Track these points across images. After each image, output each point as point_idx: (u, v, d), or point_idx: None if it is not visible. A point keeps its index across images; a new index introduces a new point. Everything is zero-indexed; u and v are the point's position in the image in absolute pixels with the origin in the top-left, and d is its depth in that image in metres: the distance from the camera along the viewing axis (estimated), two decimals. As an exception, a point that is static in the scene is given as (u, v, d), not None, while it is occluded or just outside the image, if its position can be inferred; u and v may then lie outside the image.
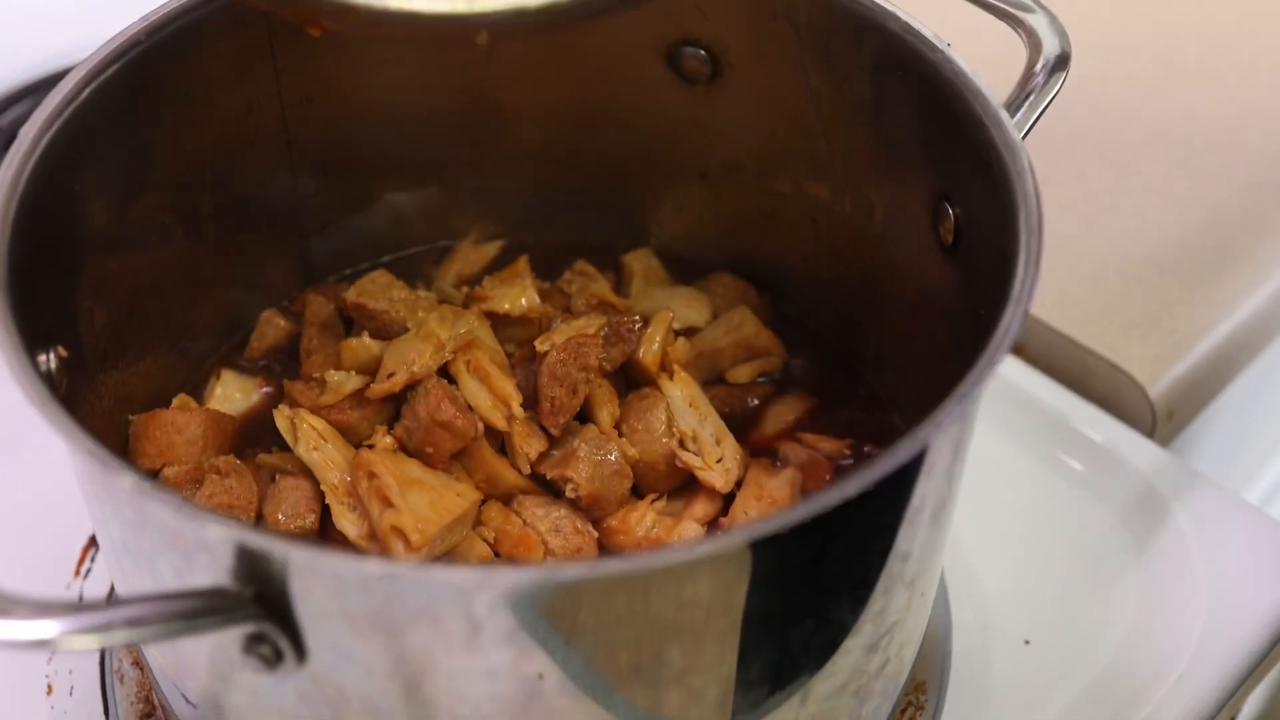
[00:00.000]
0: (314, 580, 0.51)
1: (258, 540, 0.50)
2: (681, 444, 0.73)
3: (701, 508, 0.73)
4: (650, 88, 0.79)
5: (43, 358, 0.62)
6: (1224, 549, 0.82)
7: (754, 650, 0.56)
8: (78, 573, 0.81)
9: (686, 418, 0.73)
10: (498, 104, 0.81)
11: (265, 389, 0.79)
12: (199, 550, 0.53)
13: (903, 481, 0.56)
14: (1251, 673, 0.79)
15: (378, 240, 0.84)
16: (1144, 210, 0.97)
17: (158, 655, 0.64)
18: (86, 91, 0.65)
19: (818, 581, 0.56)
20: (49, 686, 0.77)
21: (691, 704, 0.57)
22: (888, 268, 0.76)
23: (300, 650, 0.54)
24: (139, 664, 0.76)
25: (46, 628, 0.49)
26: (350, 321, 0.79)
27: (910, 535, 0.59)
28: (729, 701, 0.58)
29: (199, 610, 0.51)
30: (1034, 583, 0.81)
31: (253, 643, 0.54)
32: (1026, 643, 0.79)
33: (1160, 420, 0.88)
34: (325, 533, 0.70)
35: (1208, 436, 0.97)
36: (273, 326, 0.80)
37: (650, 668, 0.55)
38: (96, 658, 0.77)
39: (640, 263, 0.83)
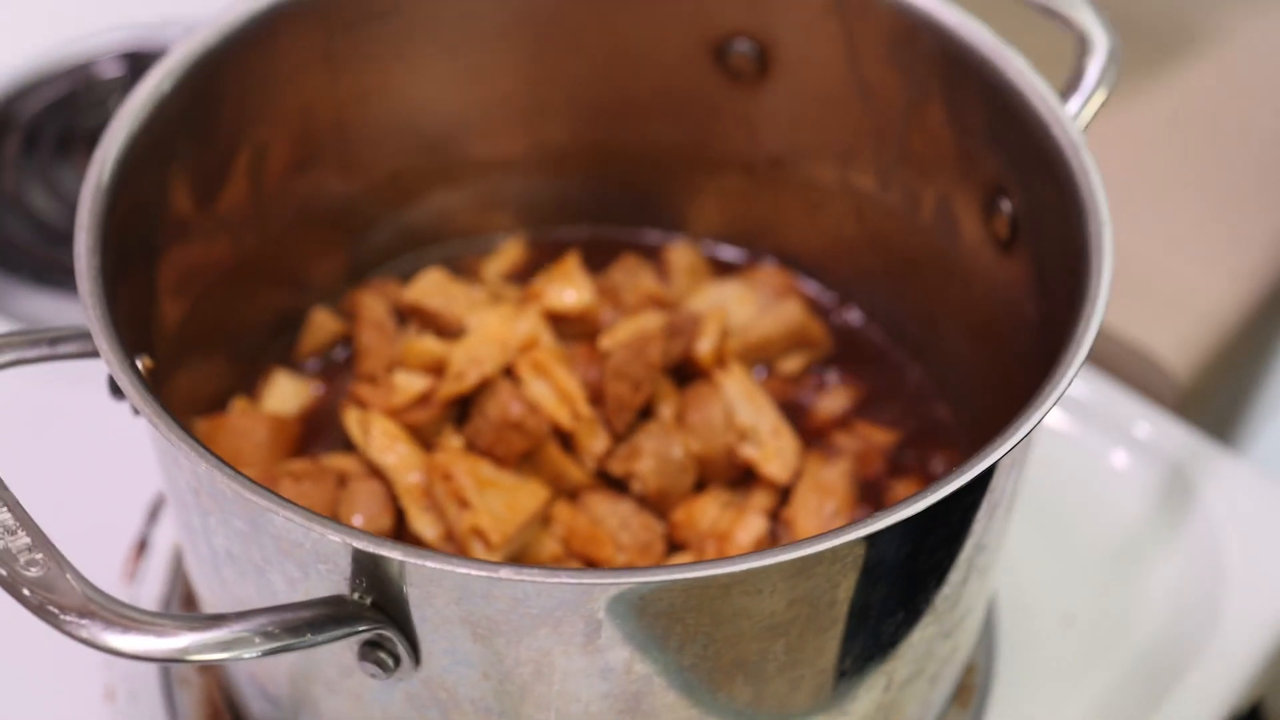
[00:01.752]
0: (437, 588, 0.52)
1: (390, 550, 0.51)
2: (741, 437, 0.74)
3: (761, 499, 0.74)
4: (697, 83, 0.80)
5: (133, 370, 0.62)
6: (1253, 524, 0.84)
7: (850, 642, 0.58)
8: (129, 576, 0.82)
9: (744, 411, 0.75)
10: (543, 99, 0.82)
11: (317, 388, 0.80)
12: (317, 560, 0.54)
13: (992, 476, 0.57)
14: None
15: (422, 236, 0.85)
16: (1164, 193, 0.99)
17: (249, 664, 0.65)
18: (163, 93, 0.66)
19: (912, 574, 0.58)
20: (109, 692, 0.78)
21: (790, 695, 0.59)
22: (935, 259, 0.77)
23: (416, 654, 0.55)
24: (203, 669, 0.77)
25: (179, 641, 0.50)
26: (402, 318, 0.80)
27: (988, 527, 0.61)
28: (824, 691, 0.60)
29: (322, 620, 0.52)
30: (1071, 562, 0.83)
31: (369, 648, 0.55)
32: (1068, 621, 0.81)
33: (1186, 398, 0.91)
34: (400, 535, 0.71)
35: (1233, 412, 0.99)
36: (323, 326, 0.80)
37: (755, 664, 0.56)
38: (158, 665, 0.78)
39: (683, 256, 0.84)
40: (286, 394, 0.78)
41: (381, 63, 0.77)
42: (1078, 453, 0.87)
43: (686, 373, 0.77)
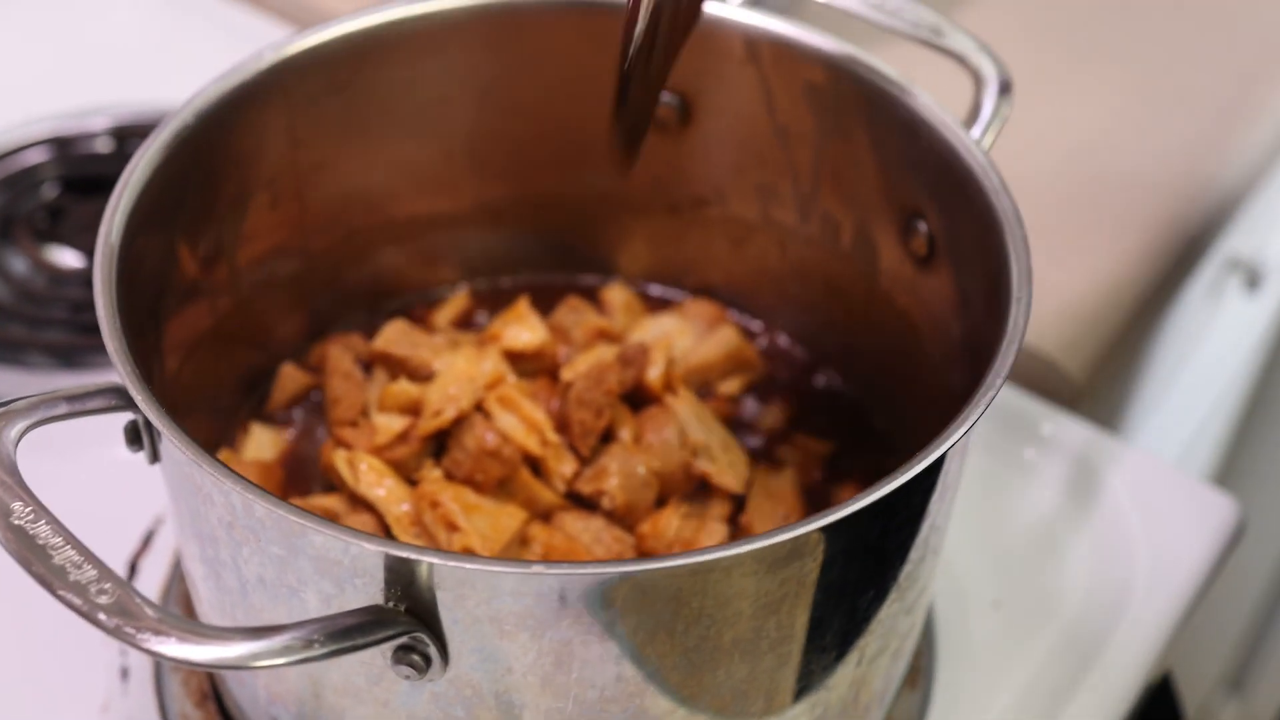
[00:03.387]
0: (469, 589, 0.58)
1: (429, 556, 0.56)
2: (694, 453, 0.81)
3: (718, 508, 0.81)
4: (628, 136, 0.87)
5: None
6: (1153, 506, 0.93)
7: (831, 617, 0.65)
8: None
9: (695, 430, 0.81)
10: (482, 158, 0.88)
11: (290, 436, 0.85)
12: (353, 575, 0.59)
13: (946, 460, 0.65)
14: (1191, 609, 0.90)
15: (374, 293, 0.90)
16: (1046, 218, 1.08)
17: (269, 683, 0.70)
18: (156, 164, 0.71)
19: (881, 552, 0.65)
20: (108, 734, 0.82)
21: (779, 671, 0.65)
22: (857, 282, 0.85)
23: (445, 656, 0.60)
24: (202, 704, 0.81)
25: (245, 648, 0.55)
26: (367, 366, 0.85)
27: (940, 509, 0.68)
28: (809, 666, 0.66)
29: (365, 625, 0.58)
30: (995, 553, 0.91)
31: (402, 652, 0.60)
32: (997, 606, 0.89)
33: (1082, 395, 0.99)
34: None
35: (1123, 405, 1.08)
36: (292, 380, 0.86)
37: (750, 641, 0.63)
38: (155, 704, 0.82)
39: (618, 296, 0.91)
40: (264, 443, 0.83)
41: (336, 133, 0.83)
42: (991, 453, 0.95)
43: (639, 399, 0.83)
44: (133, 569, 0.88)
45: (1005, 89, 0.79)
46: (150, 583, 0.87)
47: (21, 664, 0.84)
